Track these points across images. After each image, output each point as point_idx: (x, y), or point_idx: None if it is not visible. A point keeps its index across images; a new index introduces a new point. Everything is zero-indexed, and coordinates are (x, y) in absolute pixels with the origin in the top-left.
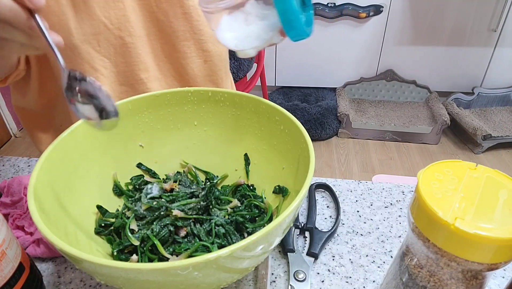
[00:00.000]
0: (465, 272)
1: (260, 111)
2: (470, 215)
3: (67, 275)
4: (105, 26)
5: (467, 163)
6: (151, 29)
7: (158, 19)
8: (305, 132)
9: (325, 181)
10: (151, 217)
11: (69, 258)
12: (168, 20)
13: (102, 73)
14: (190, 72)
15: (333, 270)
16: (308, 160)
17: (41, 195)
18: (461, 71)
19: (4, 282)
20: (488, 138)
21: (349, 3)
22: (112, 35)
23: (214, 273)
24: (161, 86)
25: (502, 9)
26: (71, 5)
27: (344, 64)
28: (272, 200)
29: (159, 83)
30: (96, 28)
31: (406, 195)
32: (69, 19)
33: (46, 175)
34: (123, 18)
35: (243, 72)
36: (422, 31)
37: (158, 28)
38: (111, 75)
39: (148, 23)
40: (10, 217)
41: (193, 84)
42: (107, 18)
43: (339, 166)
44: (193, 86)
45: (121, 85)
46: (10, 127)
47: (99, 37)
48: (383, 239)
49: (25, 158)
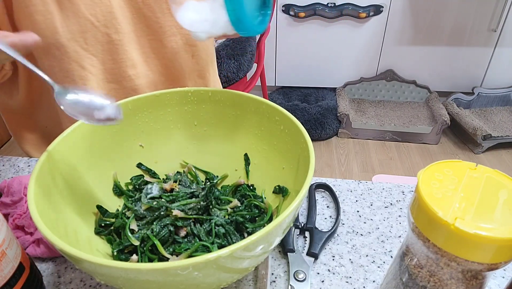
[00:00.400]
0: (465, 272)
1: (260, 111)
2: (470, 215)
3: (67, 275)
4: (91, 23)
5: (467, 163)
6: (138, 25)
7: (144, 15)
8: (305, 132)
9: (325, 181)
10: (151, 217)
11: (69, 258)
12: (155, 16)
13: (90, 72)
14: (178, 68)
15: (333, 270)
16: (308, 159)
17: (41, 195)
18: (461, 71)
19: (4, 282)
20: (488, 138)
21: (349, 3)
22: (99, 33)
23: (214, 273)
24: (149, 83)
25: (502, 9)
26: (57, 3)
27: (344, 64)
28: (272, 200)
29: (147, 79)
30: (82, 26)
31: (406, 195)
32: (54, 18)
33: (46, 174)
34: (110, 15)
35: (243, 72)
36: (422, 31)
37: (145, 24)
38: (98, 73)
39: (134, 19)
40: (10, 217)
41: (181, 80)
42: (93, 15)
43: (339, 166)
44: (180, 82)
45: (109, 82)
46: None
47: (86, 35)
48: (383, 239)
49: (25, 158)
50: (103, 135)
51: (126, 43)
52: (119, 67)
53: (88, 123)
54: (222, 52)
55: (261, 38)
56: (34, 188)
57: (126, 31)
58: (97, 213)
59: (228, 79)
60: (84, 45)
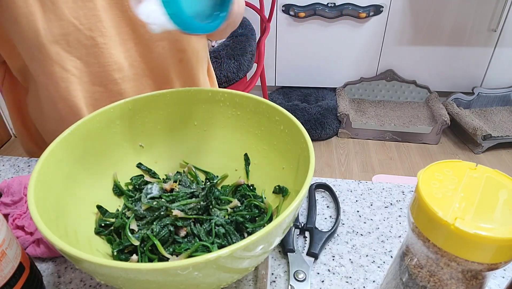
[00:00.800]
0: (465, 272)
1: (260, 111)
2: (470, 215)
3: (67, 275)
4: (74, 26)
5: (467, 163)
6: (123, 29)
7: (130, 18)
8: (305, 132)
9: (325, 181)
10: (151, 217)
11: (69, 258)
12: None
13: (74, 74)
14: (165, 72)
15: (333, 270)
16: (308, 160)
17: (41, 195)
18: (461, 71)
19: (4, 282)
20: (488, 138)
21: (349, 3)
22: (83, 36)
23: (214, 273)
24: (136, 87)
25: (502, 9)
26: (39, 5)
27: (344, 64)
28: (272, 200)
29: (134, 83)
30: (65, 29)
31: (406, 195)
32: (37, 20)
33: (46, 174)
34: (94, 18)
35: (243, 72)
36: (422, 31)
37: (131, 28)
38: (83, 75)
39: (120, 22)
40: (10, 217)
41: (169, 84)
42: (76, 18)
43: (339, 166)
44: (168, 86)
45: (93, 85)
46: (10, 128)
47: (68, 38)
48: (383, 239)
49: (25, 158)
50: (103, 135)
51: (111, 46)
52: (104, 71)
53: None
54: (222, 52)
55: (261, 38)
56: (34, 188)
57: (111, 34)
58: (97, 213)
59: (228, 79)
60: (66, 48)
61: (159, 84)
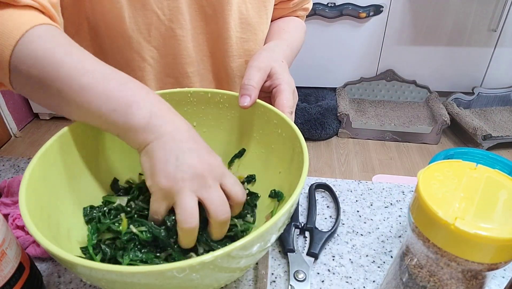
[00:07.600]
0: (465, 272)
1: (258, 113)
2: (470, 215)
3: (67, 275)
4: (157, 17)
5: (467, 163)
6: (198, 23)
7: (206, 13)
8: (300, 134)
9: (325, 181)
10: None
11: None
12: (215, 16)
13: (150, 64)
14: (229, 72)
15: (333, 270)
16: (302, 164)
17: (35, 195)
18: (461, 71)
19: (4, 282)
20: (488, 138)
21: (349, 3)
22: (163, 26)
23: (212, 274)
24: (201, 82)
25: (502, 9)
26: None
27: (344, 64)
28: (267, 205)
29: (200, 78)
30: (148, 19)
31: (406, 195)
32: (123, 7)
33: (41, 174)
34: (176, 10)
35: None
36: (422, 31)
37: (205, 22)
38: (157, 66)
39: (196, 16)
40: (10, 217)
41: (230, 85)
42: (160, 9)
43: (339, 166)
44: (230, 87)
45: (166, 76)
46: (10, 127)
47: (150, 27)
48: (383, 239)
49: (25, 158)
50: (102, 135)
51: (188, 39)
52: (178, 63)
53: None
54: None
55: None
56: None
57: (189, 28)
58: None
59: None
60: (147, 37)
61: (220, 83)
